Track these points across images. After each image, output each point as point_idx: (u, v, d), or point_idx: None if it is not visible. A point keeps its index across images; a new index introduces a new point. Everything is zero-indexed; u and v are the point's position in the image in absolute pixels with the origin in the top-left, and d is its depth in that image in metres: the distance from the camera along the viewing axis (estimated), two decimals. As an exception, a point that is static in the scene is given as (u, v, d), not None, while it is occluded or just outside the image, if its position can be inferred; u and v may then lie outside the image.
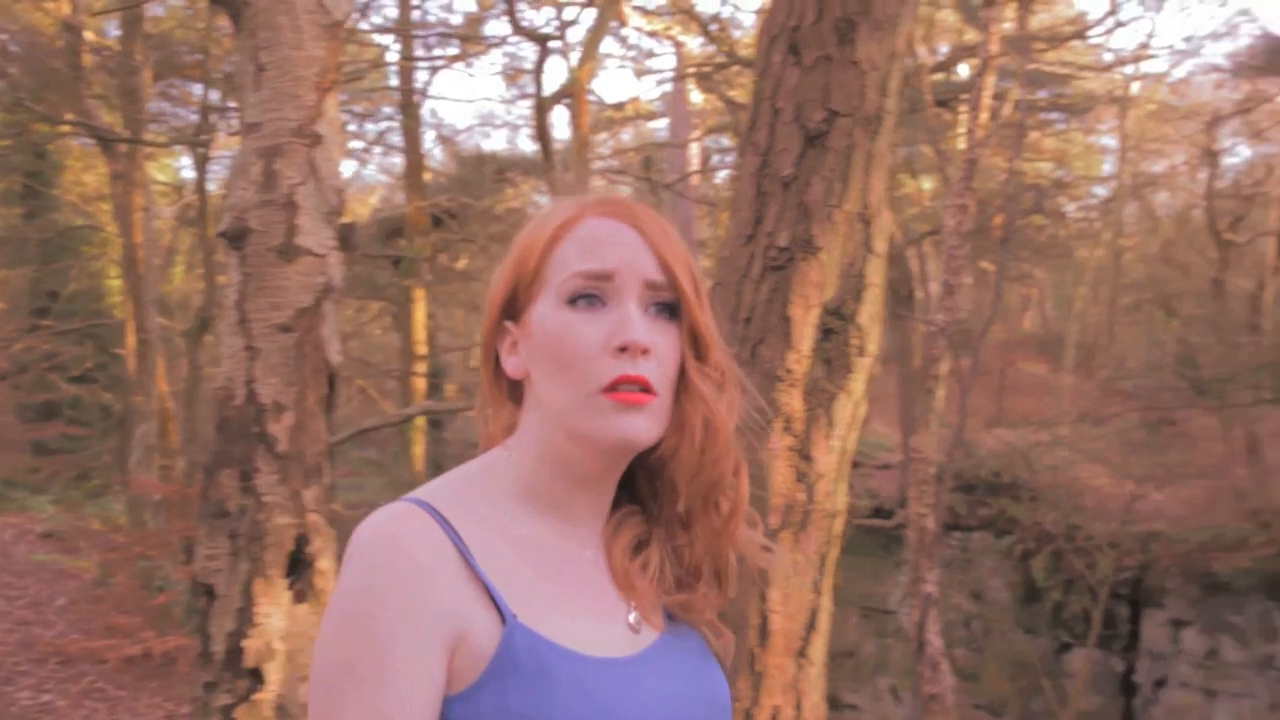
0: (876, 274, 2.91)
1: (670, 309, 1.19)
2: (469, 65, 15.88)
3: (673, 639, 1.25)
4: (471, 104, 39.84)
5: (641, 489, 1.28)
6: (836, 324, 2.86)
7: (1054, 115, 18.63)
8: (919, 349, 12.70)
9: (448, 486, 1.18)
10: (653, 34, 17.10)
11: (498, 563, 1.12)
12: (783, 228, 2.84)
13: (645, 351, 1.14)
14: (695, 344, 1.20)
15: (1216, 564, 13.32)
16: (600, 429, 1.14)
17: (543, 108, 12.32)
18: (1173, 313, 19.14)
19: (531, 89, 13.54)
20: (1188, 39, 26.70)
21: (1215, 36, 24.44)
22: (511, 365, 1.22)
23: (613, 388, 1.13)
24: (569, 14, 15.97)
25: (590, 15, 13.49)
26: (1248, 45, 15.51)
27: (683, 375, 1.19)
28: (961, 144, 12.11)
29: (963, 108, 14.44)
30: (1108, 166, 21.37)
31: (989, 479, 14.71)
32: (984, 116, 7.95)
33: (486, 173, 17.92)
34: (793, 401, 2.81)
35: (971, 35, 15.07)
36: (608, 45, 18.35)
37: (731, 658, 1.32)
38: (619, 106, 19.39)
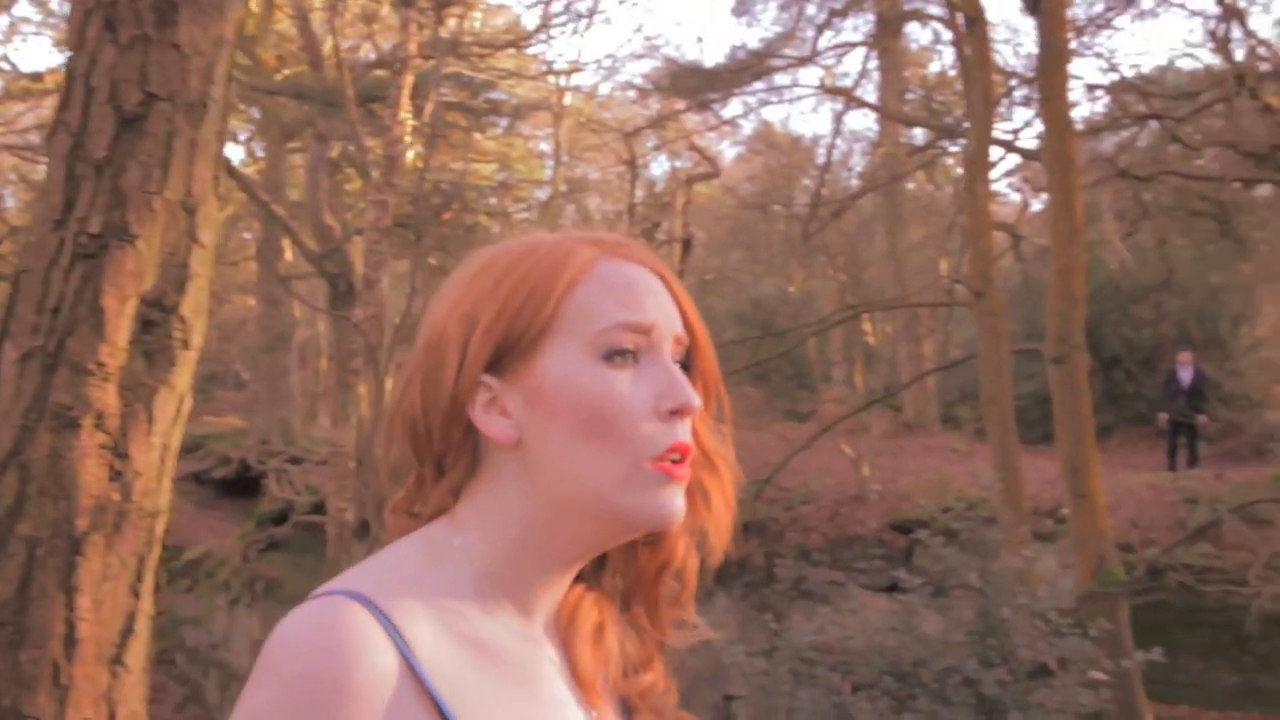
0: (201, 265, 2.83)
1: (681, 364, 1.04)
2: None
3: None
4: None
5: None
6: (157, 316, 2.75)
7: (494, 119, 19.41)
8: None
9: (389, 575, 0.97)
10: None
11: (450, 674, 0.93)
12: (96, 213, 2.69)
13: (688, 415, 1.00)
14: (708, 401, 1.07)
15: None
16: (644, 506, 0.98)
17: (-72, 71, 10.94)
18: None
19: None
20: (610, 57, 29.00)
21: (634, 57, 26.75)
22: (500, 429, 0.99)
23: (662, 458, 0.98)
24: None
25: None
26: (657, 68, 17.03)
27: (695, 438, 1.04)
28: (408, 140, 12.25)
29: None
30: (550, 171, 22.60)
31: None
32: (402, 115, 8.07)
33: None
34: (106, 397, 2.67)
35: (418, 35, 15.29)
36: (22, 8, 16.71)
37: None
38: (37, 77, 17.69)
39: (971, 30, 8.12)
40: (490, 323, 1.00)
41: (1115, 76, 15.93)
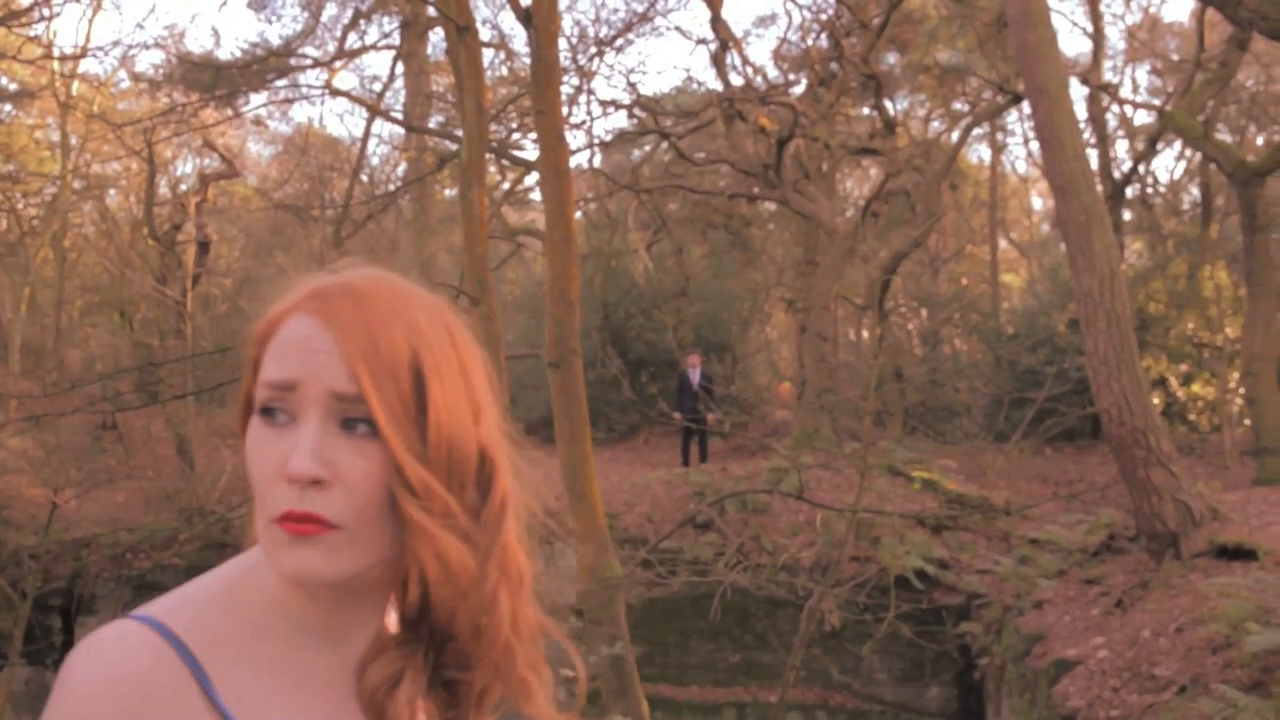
0: None
1: (373, 425, 0.99)
2: None
3: None
4: None
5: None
6: None
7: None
8: None
9: (190, 599, 1.00)
10: None
11: (245, 694, 0.96)
12: None
13: (317, 482, 0.97)
14: (399, 472, 0.99)
15: (148, 563, 13.61)
16: (277, 561, 0.99)
17: None
18: (127, 316, 19.28)
19: None
20: (117, 44, 27.27)
21: (146, 47, 25.36)
22: None
23: (282, 519, 0.97)
24: None
25: None
26: (171, 60, 16.09)
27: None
28: None
29: None
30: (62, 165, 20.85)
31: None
32: None
33: None
34: None
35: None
36: None
37: None
38: None
39: (462, 39, 8.19)
40: (246, 364, 1.04)
41: (637, 95, 16.80)
